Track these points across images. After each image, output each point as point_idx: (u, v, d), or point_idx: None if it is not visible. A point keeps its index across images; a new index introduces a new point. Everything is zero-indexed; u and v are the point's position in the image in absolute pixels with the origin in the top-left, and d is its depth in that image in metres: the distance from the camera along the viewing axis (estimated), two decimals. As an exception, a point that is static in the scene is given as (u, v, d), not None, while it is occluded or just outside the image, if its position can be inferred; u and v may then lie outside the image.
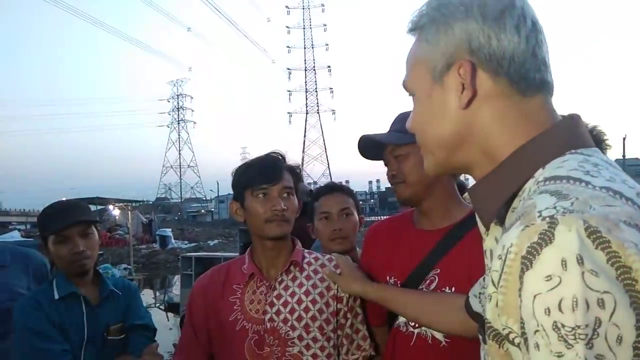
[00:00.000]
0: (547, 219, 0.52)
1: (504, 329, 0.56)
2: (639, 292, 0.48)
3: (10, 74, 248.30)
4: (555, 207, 0.53)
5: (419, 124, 0.73)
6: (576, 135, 0.65)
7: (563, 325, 0.48)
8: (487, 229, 0.71)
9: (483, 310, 0.62)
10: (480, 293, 0.87)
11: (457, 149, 0.70)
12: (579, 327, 0.47)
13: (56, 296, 1.67)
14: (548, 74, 0.67)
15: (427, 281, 1.30)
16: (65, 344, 1.61)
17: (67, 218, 1.70)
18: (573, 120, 0.66)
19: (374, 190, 65.98)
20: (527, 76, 0.65)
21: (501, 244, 0.56)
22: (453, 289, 1.26)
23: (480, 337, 0.71)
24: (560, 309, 0.48)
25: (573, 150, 0.62)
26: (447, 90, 0.67)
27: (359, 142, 1.40)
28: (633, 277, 0.48)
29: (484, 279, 0.82)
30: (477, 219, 0.74)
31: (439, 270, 1.29)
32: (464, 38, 0.65)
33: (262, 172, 1.43)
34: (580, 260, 0.48)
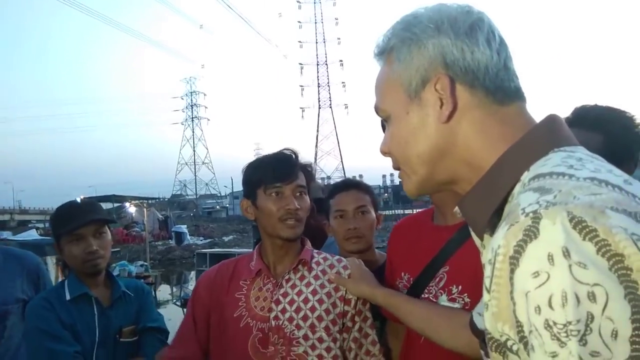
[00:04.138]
0: (531, 214, 0.50)
1: (501, 336, 0.54)
2: (635, 282, 0.45)
3: (30, 74, 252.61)
4: (538, 202, 0.52)
5: (397, 145, 0.72)
6: (558, 134, 0.64)
7: (555, 323, 0.46)
8: (482, 239, 0.69)
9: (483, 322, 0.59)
10: None
11: (439, 164, 0.69)
12: (570, 323, 0.45)
13: (68, 297, 1.66)
14: (519, 83, 0.68)
15: (437, 279, 1.27)
16: (77, 345, 1.59)
17: (80, 218, 1.68)
18: (552, 120, 0.66)
19: (387, 184, 65.73)
20: (503, 85, 0.66)
21: (490, 248, 0.55)
22: (460, 287, 1.22)
23: (482, 352, 0.69)
24: (550, 306, 0.46)
25: (556, 149, 0.62)
26: (425, 106, 0.68)
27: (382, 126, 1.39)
28: (627, 265, 0.45)
29: None
30: (471, 232, 0.73)
31: (447, 268, 1.26)
32: (438, 53, 0.66)
33: (276, 170, 1.39)
34: (566, 253, 0.46)
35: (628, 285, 0.45)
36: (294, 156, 1.44)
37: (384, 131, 1.39)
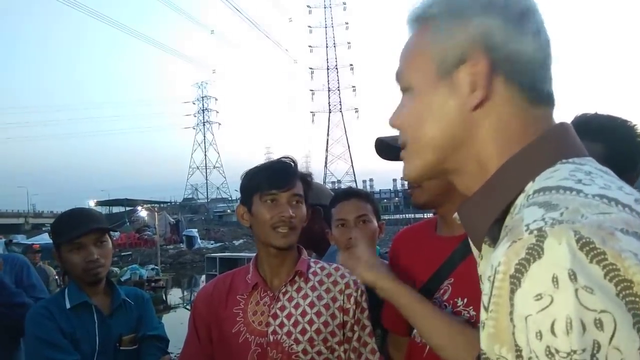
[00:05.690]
0: (535, 232, 0.47)
1: (498, 358, 0.50)
2: None
3: (43, 80, 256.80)
4: (543, 219, 0.48)
5: (411, 122, 0.65)
6: (567, 144, 0.60)
7: (557, 351, 0.43)
8: (479, 250, 0.65)
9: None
10: None
11: (450, 154, 0.63)
12: (574, 352, 0.42)
13: (68, 305, 1.65)
14: (552, 88, 0.63)
15: (441, 291, 1.23)
16: (76, 354, 1.59)
17: (81, 226, 1.68)
18: (562, 128, 0.61)
19: (398, 189, 65.43)
20: (536, 86, 0.61)
21: (489, 264, 0.52)
22: (465, 299, 1.18)
23: None
24: (553, 332, 0.43)
25: (564, 160, 0.57)
26: (454, 87, 0.61)
27: (375, 143, 1.34)
28: (636, 292, 0.43)
29: None
30: (470, 241, 0.69)
31: (452, 280, 1.21)
32: (483, 33, 0.59)
33: (273, 177, 1.37)
34: (572, 276, 0.43)
35: (636, 314, 0.42)
36: (292, 165, 1.42)
37: (379, 155, 1.35)
